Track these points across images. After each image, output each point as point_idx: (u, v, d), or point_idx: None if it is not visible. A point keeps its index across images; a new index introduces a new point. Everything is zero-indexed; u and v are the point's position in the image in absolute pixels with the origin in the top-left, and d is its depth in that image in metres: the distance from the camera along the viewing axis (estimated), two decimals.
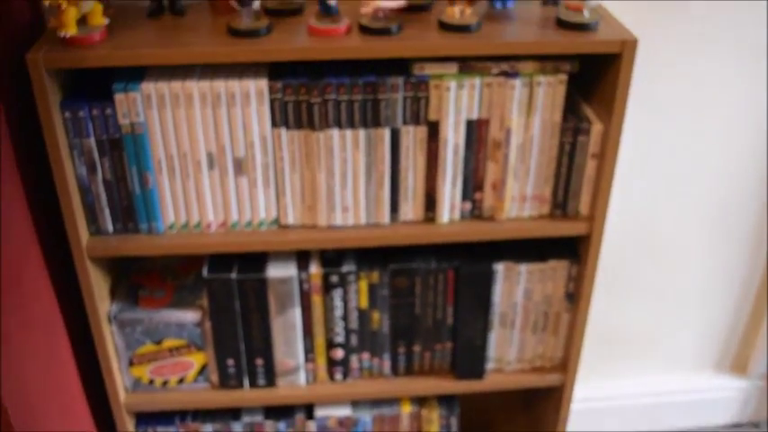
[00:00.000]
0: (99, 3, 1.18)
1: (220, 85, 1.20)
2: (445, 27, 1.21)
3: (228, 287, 1.37)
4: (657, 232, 1.71)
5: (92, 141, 1.24)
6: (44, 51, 1.14)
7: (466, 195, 1.33)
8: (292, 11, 1.27)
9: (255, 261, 1.38)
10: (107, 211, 1.30)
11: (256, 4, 1.19)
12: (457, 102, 1.24)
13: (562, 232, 1.37)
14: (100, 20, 1.20)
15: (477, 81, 1.23)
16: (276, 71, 1.22)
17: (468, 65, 1.22)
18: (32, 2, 1.29)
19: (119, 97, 1.20)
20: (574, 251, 1.42)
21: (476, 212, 1.35)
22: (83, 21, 1.18)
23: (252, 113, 1.22)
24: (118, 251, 1.32)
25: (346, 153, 1.26)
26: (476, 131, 1.27)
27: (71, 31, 1.16)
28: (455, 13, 1.21)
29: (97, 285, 1.36)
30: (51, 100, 1.18)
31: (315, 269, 1.38)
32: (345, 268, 1.38)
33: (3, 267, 1.13)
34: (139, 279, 1.48)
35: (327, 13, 1.19)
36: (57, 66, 1.16)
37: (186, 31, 1.23)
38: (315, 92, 1.21)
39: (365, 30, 1.20)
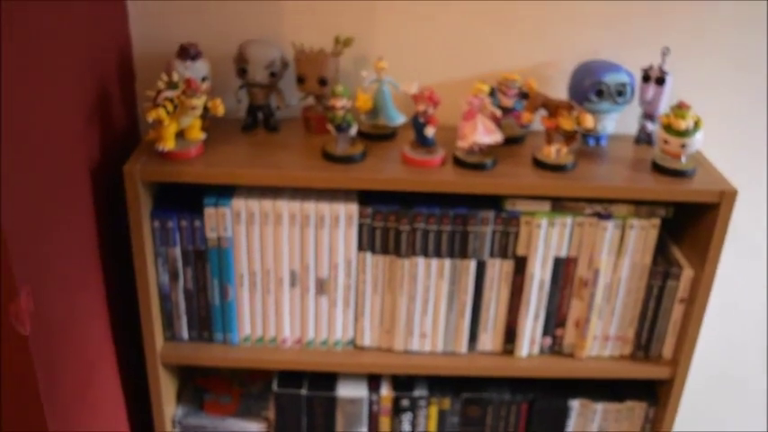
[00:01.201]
0: (198, 118, 1.20)
1: (310, 207, 1.19)
2: (540, 165, 1.20)
3: (297, 403, 1.35)
4: (738, 376, 1.65)
5: (177, 251, 1.24)
6: (141, 164, 1.16)
7: (547, 331, 1.30)
8: (386, 135, 1.27)
9: (326, 378, 1.36)
10: (184, 319, 1.29)
11: (353, 131, 1.19)
12: (547, 239, 1.22)
13: (643, 375, 1.32)
14: (197, 134, 1.21)
15: (568, 220, 1.21)
16: (365, 194, 1.21)
17: (560, 204, 1.20)
18: (129, 111, 1.31)
19: (209, 211, 1.20)
20: (653, 392, 1.38)
21: (556, 348, 1.32)
22: (180, 134, 1.20)
23: (339, 236, 1.21)
24: (191, 360, 1.31)
25: (430, 281, 1.24)
26: (563, 269, 1.25)
27: (169, 145, 1.17)
28: (551, 153, 1.20)
29: (165, 388, 1.35)
30: (143, 209, 1.18)
31: (386, 392, 1.35)
32: (417, 393, 1.35)
33: (74, 374, 1.12)
34: (206, 383, 1.47)
35: (423, 144, 1.19)
36: (152, 179, 1.17)
37: (280, 149, 1.23)
38: (404, 220, 1.20)
39: (460, 163, 1.19)
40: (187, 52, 1.22)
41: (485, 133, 1.17)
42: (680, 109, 1.17)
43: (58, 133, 1.03)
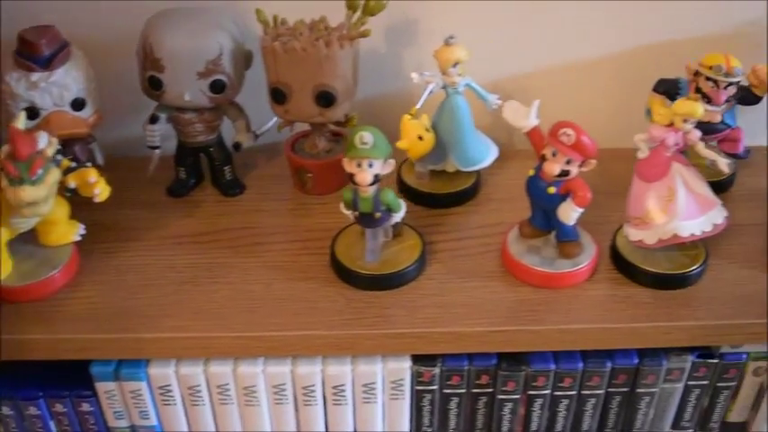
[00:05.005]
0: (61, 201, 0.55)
1: (310, 370, 0.57)
2: None
3: None
4: None
5: None
6: None
7: None
8: (457, 196, 0.63)
9: None
10: None
11: (398, 218, 0.54)
12: None
13: None
14: (63, 237, 0.57)
15: None
16: None
17: None
18: None
19: (103, 387, 0.58)
20: None
21: None
22: (27, 235, 0.56)
23: (374, 414, 0.59)
24: None
25: None
26: None
27: None
28: None
29: None
30: None
31: None
32: None
33: None
34: None
35: (563, 237, 0.55)
36: None
37: (251, 249, 0.59)
38: (511, 384, 0.57)
39: (630, 270, 0.55)
40: (35, 52, 0.56)
41: (696, 212, 0.52)
42: None
43: None
